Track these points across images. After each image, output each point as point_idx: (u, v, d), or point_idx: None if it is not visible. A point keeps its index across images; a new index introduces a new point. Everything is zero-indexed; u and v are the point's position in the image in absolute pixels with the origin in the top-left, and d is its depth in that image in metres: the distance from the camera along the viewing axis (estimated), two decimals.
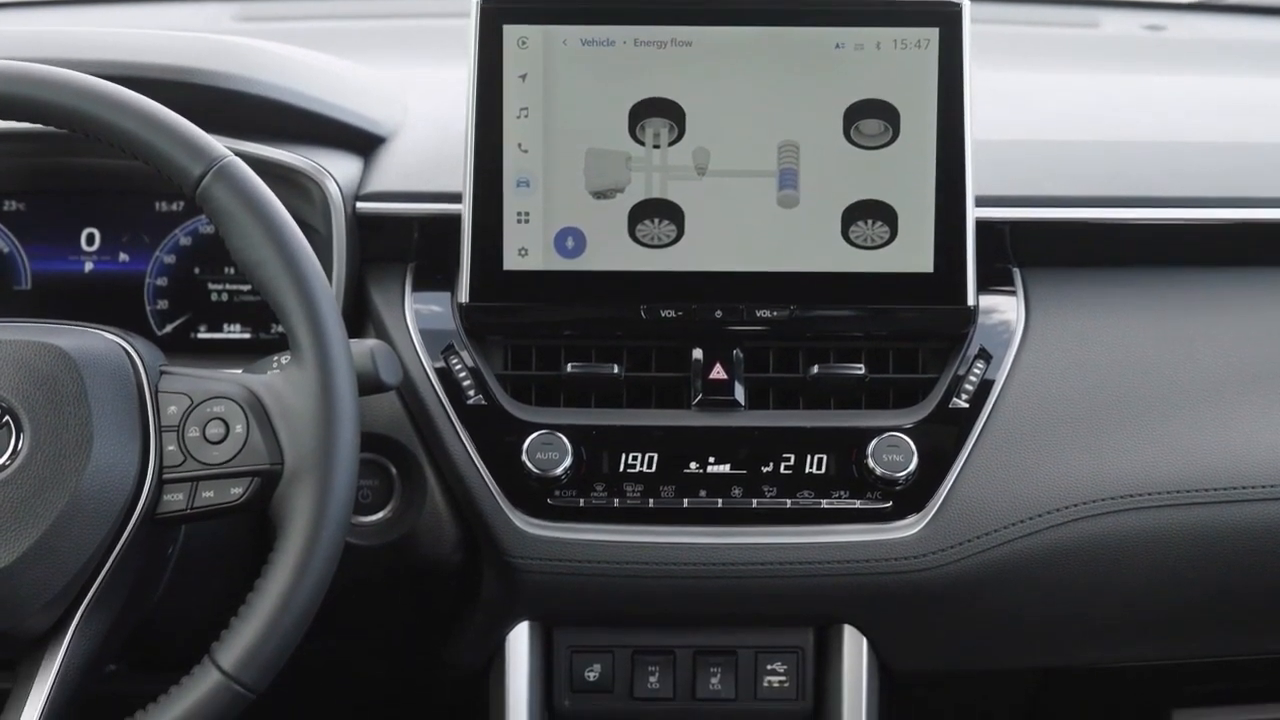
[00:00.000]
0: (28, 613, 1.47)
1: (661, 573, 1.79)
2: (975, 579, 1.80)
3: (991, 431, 1.81)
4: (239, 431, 1.50)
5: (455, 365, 1.82)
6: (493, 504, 1.79)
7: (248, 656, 1.45)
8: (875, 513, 1.79)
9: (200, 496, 1.51)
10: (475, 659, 1.90)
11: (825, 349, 1.84)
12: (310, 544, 1.46)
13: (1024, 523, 1.79)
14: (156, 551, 1.60)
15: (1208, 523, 1.82)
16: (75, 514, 1.47)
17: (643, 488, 1.80)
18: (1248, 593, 1.86)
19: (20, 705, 1.49)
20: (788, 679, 1.89)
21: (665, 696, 1.89)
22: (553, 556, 1.79)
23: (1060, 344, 1.86)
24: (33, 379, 1.50)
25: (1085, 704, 2.08)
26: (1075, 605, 1.85)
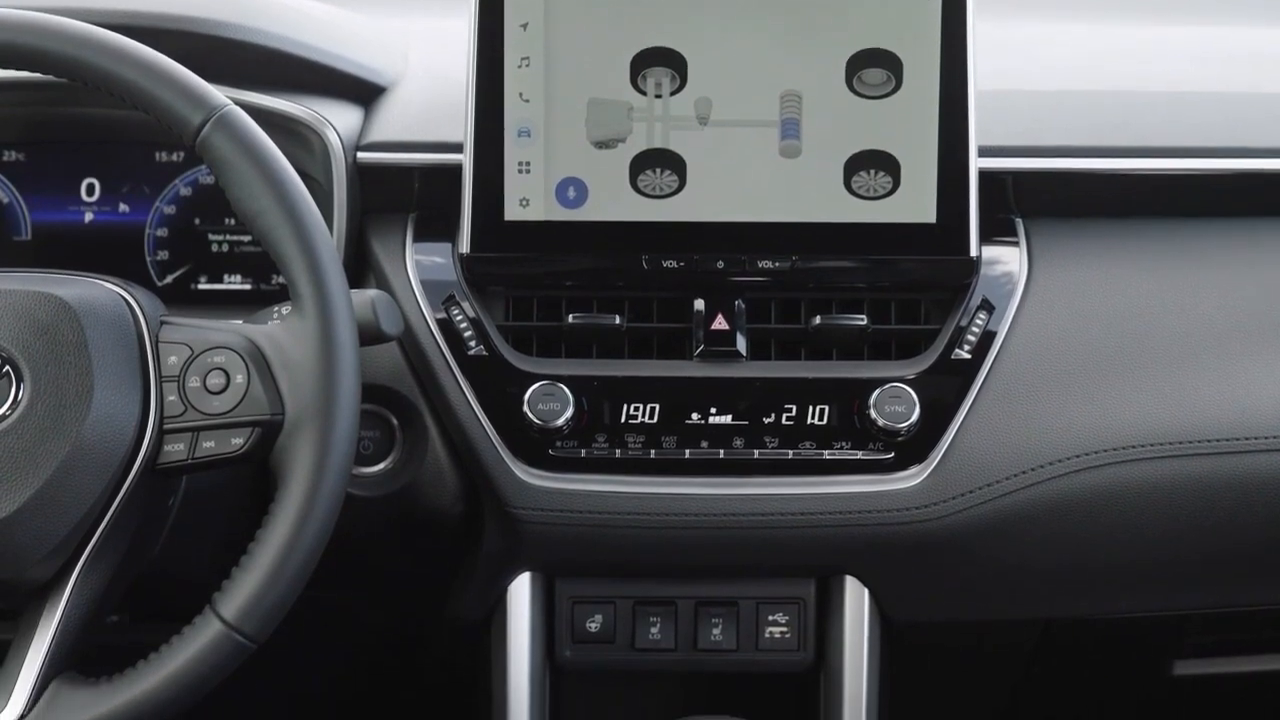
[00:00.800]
0: (29, 563, 1.47)
1: (663, 523, 1.79)
2: (977, 530, 1.80)
3: (994, 382, 1.81)
4: (240, 382, 1.50)
5: (456, 316, 1.81)
6: (494, 455, 1.79)
7: (249, 607, 1.45)
8: (877, 463, 1.79)
9: (201, 447, 1.51)
10: (476, 610, 1.90)
11: (827, 300, 1.84)
12: (311, 494, 1.46)
13: (1026, 474, 1.79)
14: (157, 502, 1.59)
15: (1210, 474, 1.82)
16: (76, 464, 1.47)
17: (644, 438, 1.79)
18: (1249, 544, 1.86)
19: (22, 655, 1.49)
20: (789, 630, 1.90)
21: (667, 647, 1.89)
22: (554, 507, 1.79)
23: (1063, 295, 1.86)
24: (33, 329, 1.50)
25: (1086, 655, 2.08)
26: (1077, 556, 1.85)
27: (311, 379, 1.49)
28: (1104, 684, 2.25)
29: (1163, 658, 2.12)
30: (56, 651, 1.49)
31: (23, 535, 1.46)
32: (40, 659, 1.48)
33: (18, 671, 1.48)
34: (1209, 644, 2.10)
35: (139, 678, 1.46)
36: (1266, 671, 2.16)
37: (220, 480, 1.68)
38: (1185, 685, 2.16)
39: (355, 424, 1.50)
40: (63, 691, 1.48)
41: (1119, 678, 2.21)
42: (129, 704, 1.45)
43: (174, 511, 1.64)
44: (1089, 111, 2.00)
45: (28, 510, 1.46)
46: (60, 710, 1.47)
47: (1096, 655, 2.09)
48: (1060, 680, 2.17)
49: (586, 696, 2.04)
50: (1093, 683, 2.24)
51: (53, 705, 1.47)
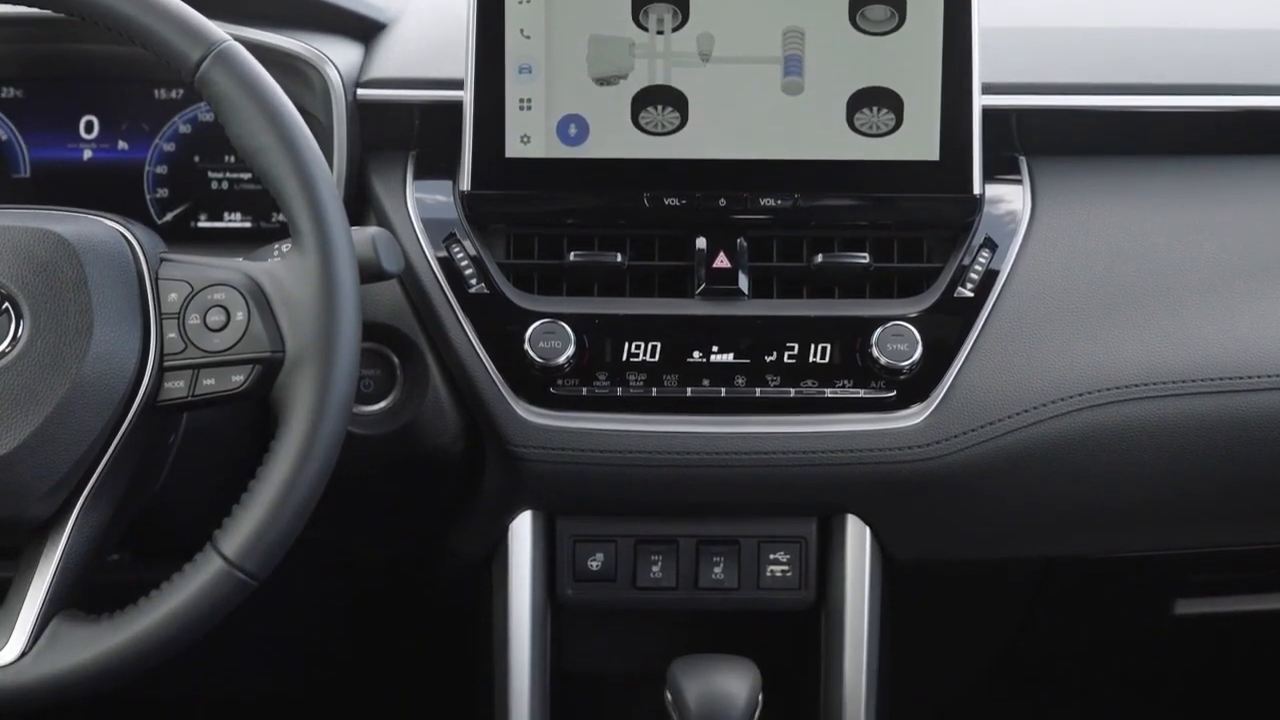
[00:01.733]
0: (30, 500, 1.47)
1: (664, 462, 1.79)
2: (979, 468, 1.80)
3: (996, 321, 1.81)
4: (240, 319, 1.50)
5: (457, 254, 1.81)
6: (495, 393, 1.78)
7: (250, 544, 1.45)
8: (879, 402, 1.79)
9: (201, 384, 1.50)
10: (478, 548, 1.90)
11: (829, 238, 1.83)
12: (312, 431, 1.46)
13: (1028, 412, 1.79)
14: (158, 439, 1.59)
15: (1212, 412, 1.81)
16: (76, 401, 1.46)
17: (646, 377, 1.79)
18: (1251, 482, 1.86)
19: (23, 593, 1.49)
20: (790, 568, 1.90)
21: (668, 586, 1.89)
22: (555, 445, 1.79)
23: (1066, 233, 1.85)
24: (32, 265, 1.49)
25: (1088, 593, 2.08)
26: (1079, 495, 1.85)
27: (312, 316, 1.48)
28: (1105, 623, 2.25)
29: (1164, 597, 2.12)
30: (57, 589, 1.49)
31: (23, 472, 1.46)
32: (41, 597, 1.48)
33: (18, 609, 1.48)
34: (1210, 583, 2.10)
35: (140, 615, 1.47)
36: (1267, 611, 2.16)
37: (221, 418, 1.68)
38: (1186, 624, 2.16)
39: (356, 361, 1.49)
40: (64, 629, 1.48)
41: (1120, 617, 2.21)
42: (130, 641, 1.46)
43: (175, 449, 1.64)
44: (1094, 48, 1.99)
45: (28, 447, 1.46)
46: (61, 647, 1.47)
47: (1098, 594, 2.10)
48: (1061, 619, 2.18)
49: (587, 635, 2.05)
50: (1094, 622, 2.24)
51: (54, 642, 1.47)
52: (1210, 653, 2.55)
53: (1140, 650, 2.47)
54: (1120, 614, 2.20)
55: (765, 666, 1.72)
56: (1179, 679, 2.72)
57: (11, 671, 1.47)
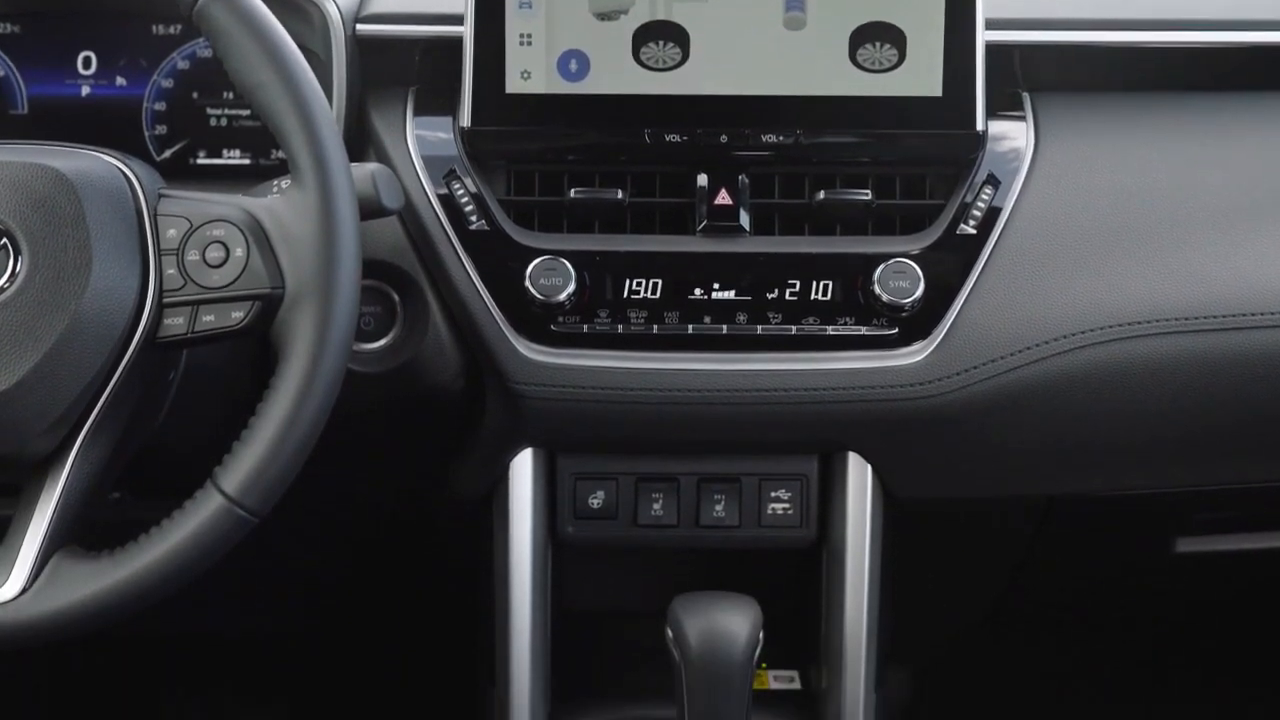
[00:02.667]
0: (29, 436, 1.47)
1: (665, 399, 1.79)
2: (981, 406, 1.80)
3: (999, 258, 1.80)
4: (239, 255, 1.49)
5: (457, 190, 1.80)
6: (496, 330, 1.78)
7: (250, 480, 1.45)
8: (881, 339, 1.79)
9: (201, 320, 1.50)
10: (478, 486, 1.90)
11: (831, 174, 1.82)
12: (312, 367, 1.46)
13: (1030, 349, 1.78)
14: (158, 376, 1.59)
15: (1216, 350, 1.81)
16: (75, 337, 1.46)
17: (647, 314, 1.79)
18: (1254, 420, 1.86)
19: (23, 529, 1.49)
20: (791, 506, 1.90)
21: (669, 523, 1.89)
22: (556, 383, 1.78)
23: (1070, 170, 1.84)
24: (30, 201, 1.48)
25: (1089, 532, 2.08)
26: (1081, 432, 1.84)
27: (312, 252, 1.48)
28: (1106, 561, 2.25)
29: (1165, 535, 2.12)
30: (58, 526, 1.49)
31: (23, 408, 1.45)
32: (42, 533, 1.48)
33: (19, 546, 1.49)
34: (1212, 521, 2.10)
35: (140, 552, 1.47)
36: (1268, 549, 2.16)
37: (221, 355, 1.68)
38: (1187, 563, 2.16)
39: (356, 298, 1.49)
40: (64, 565, 1.48)
41: (1121, 555, 2.22)
42: (130, 577, 1.46)
43: (175, 386, 1.64)
44: None
45: (27, 383, 1.45)
46: (62, 584, 1.47)
47: (1099, 532, 2.10)
48: (1062, 557, 2.18)
49: (588, 572, 2.05)
50: (1094, 560, 2.24)
51: (54, 579, 1.47)
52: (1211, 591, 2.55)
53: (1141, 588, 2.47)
54: (1121, 552, 2.20)
55: (766, 604, 1.72)
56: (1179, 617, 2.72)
57: (12, 608, 1.47)
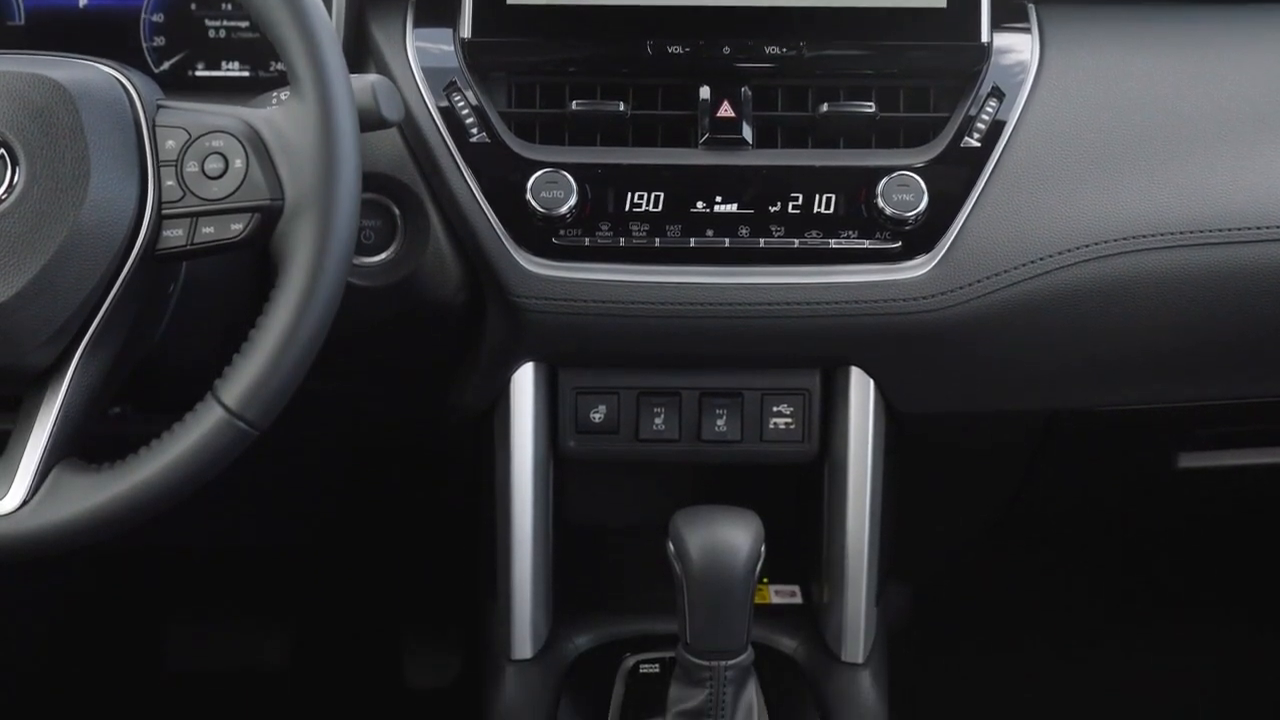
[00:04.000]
0: (29, 348, 1.46)
1: (667, 312, 1.78)
2: (984, 320, 1.79)
3: (1003, 171, 1.79)
4: (238, 166, 1.48)
5: (458, 103, 1.79)
6: (497, 243, 1.77)
7: (251, 393, 1.45)
8: (884, 253, 1.78)
9: (200, 232, 1.49)
10: (479, 400, 1.90)
11: (835, 87, 1.81)
12: (312, 279, 1.45)
13: (1034, 263, 1.78)
14: (157, 288, 1.58)
15: (1221, 263, 1.80)
16: (74, 248, 1.45)
17: (648, 227, 1.78)
18: (1258, 334, 1.85)
19: (23, 442, 1.49)
20: (793, 421, 1.89)
21: (670, 438, 1.89)
22: (557, 296, 1.78)
23: (1075, 82, 1.83)
24: (27, 111, 1.47)
25: (1091, 447, 2.08)
26: (1084, 347, 1.84)
27: (311, 164, 1.47)
28: (1107, 476, 2.25)
29: (1167, 450, 2.12)
30: (58, 438, 1.48)
31: (22, 320, 1.45)
32: (42, 446, 1.48)
33: (19, 458, 1.48)
34: (1214, 436, 2.10)
35: (140, 464, 1.46)
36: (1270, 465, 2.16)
37: (221, 267, 1.67)
38: (1189, 478, 2.16)
39: (356, 209, 1.48)
40: (64, 478, 1.48)
41: (1122, 470, 2.22)
42: (130, 490, 1.45)
43: (174, 298, 1.63)
44: None
45: (26, 295, 1.45)
46: (62, 496, 1.47)
47: (1101, 447, 2.10)
48: (1064, 472, 2.18)
49: (590, 487, 2.05)
50: (1096, 475, 2.24)
51: (54, 491, 1.47)
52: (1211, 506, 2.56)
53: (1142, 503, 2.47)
54: (1123, 467, 2.20)
55: (768, 519, 1.71)
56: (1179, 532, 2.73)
57: (12, 520, 1.47)
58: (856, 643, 1.97)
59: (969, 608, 2.84)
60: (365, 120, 1.52)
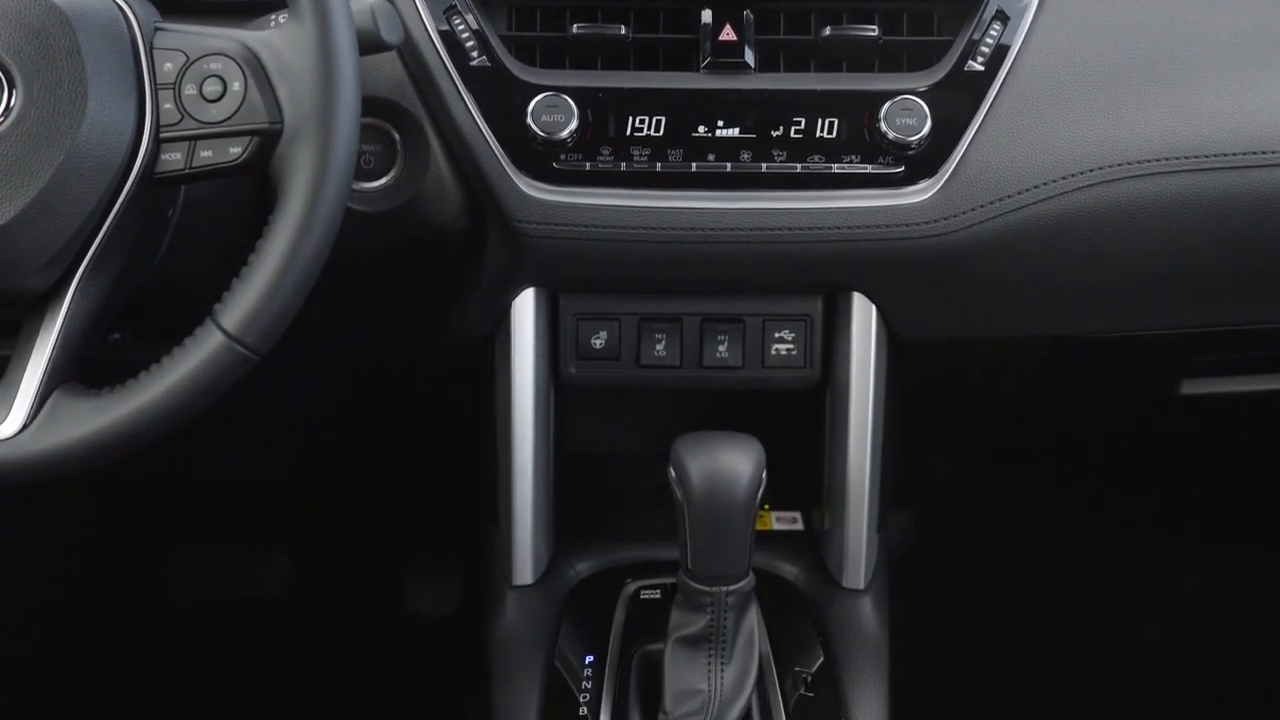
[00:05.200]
0: (27, 271, 1.46)
1: (668, 238, 1.77)
2: (987, 245, 1.78)
3: (1007, 95, 1.77)
4: (237, 89, 1.47)
5: (458, 26, 1.77)
6: (497, 168, 1.76)
7: (250, 317, 1.44)
8: (887, 178, 1.77)
9: (199, 156, 1.48)
10: (480, 326, 1.90)
11: (838, 10, 1.79)
12: (311, 203, 1.44)
13: (1038, 188, 1.76)
14: (156, 212, 1.58)
15: (1225, 188, 1.79)
16: (72, 172, 1.45)
17: (650, 151, 1.77)
18: (1263, 259, 1.85)
19: (22, 366, 1.48)
20: (795, 347, 1.89)
21: (672, 364, 1.89)
22: (558, 221, 1.77)
23: (1079, 6, 1.81)
24: (24, 33, 1.46)
25: (1094, 373, 2.08)
26: (1087, 272, 1.83)
27: (310, 87, 1.46)
28: (1109, 403, 2.25)
29: (1170, 376, 2.11)
30: (57, 362, 1.48)
31: (20, 244, 1.44)
32: (41, 370, 1.48)
33: (18, 382, 1.48)
34: (1217, 363, 2.09)
35: (140, 388, 1.46)
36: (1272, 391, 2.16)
37: (220, 192, 1.66)
38: (1191, 404, 2.16)
39: (355, 132, 1.47)
40: (64, 402, 1.47)
41: (1125, 396, 2.21)
42: (130, 414, 1.45)
43: (173, 223, 1.62)
44: None
45: (24, 218, 1.44)
46: (62, 420, 1.47)
47: (1103, 373, 2.09)
48: (1066, 399, 2.18)
49: (591, 414, 2.05)
50: (1098, 402, 2.24)
51: (54, 415, 1.47)
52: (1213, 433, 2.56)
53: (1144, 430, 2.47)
54: (1125, 394, 2.20)
55: (769, 446, 1.71)
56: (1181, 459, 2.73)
57: (12, 445, 1.46)
58: (858, 569, 1.98)
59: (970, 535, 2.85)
60: (364, 43, 1.51)
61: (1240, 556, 2.85)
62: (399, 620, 2.85)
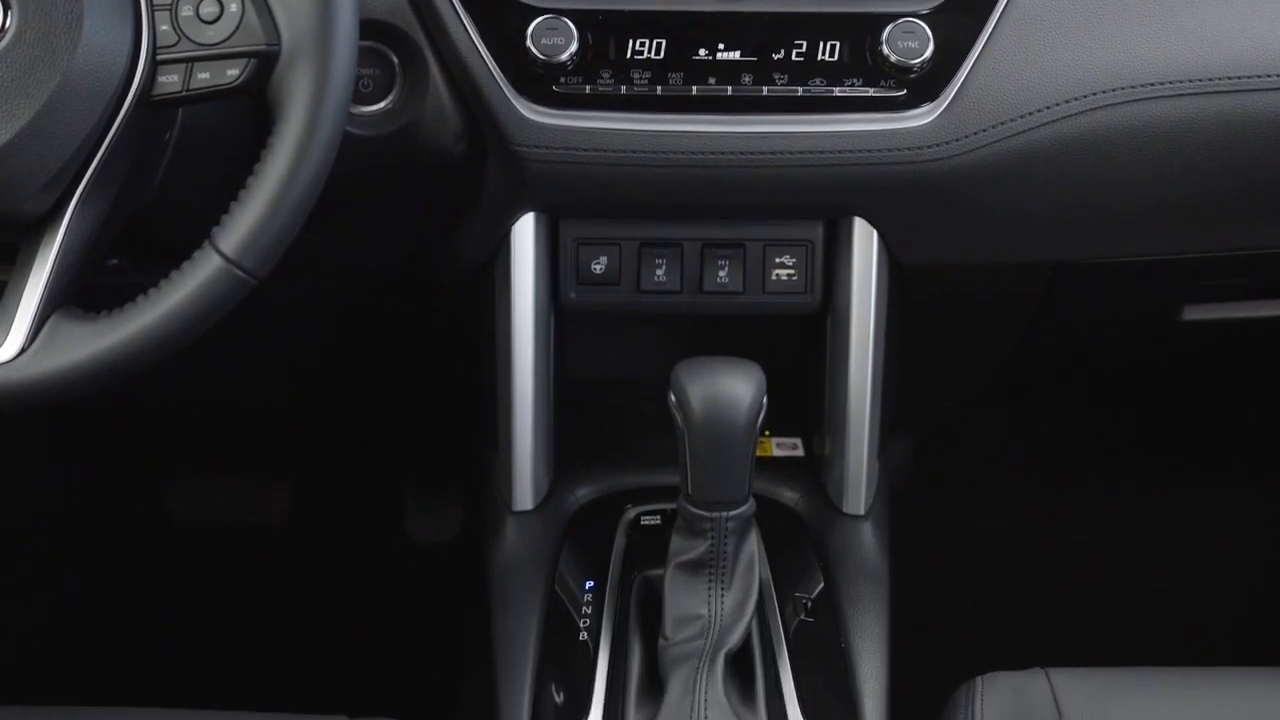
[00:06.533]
0: (23, 195, 1.45)
1: (669, 161, 1.76)
2: (989, 170, 1.77)
3: (1010, 19, 1.76)
4: (234, 10, 1.46)
5: None
6: (497, 91, 1.75)
7: (248, 241, 1.44)
8: (889, 101, 1.75)
9: (196, 78, 1.47)
10: (479, 251, 1.89)
11: None
12: (309, 125, 1.44)
13: (1041, 112, 1.75)
14: (153, 136, 1.57)
15: (1230, 112, 1.78)
16: (68, 94, 1.44)
17: (650, 74, 1.75)
18: (1267, 185, 1.83)
19: (20, 289, 1.48)
20: (796, 272, 1.88)
21: (672, 289, 1.89)
22: (558, 145, 1.76)
23: None
24: None
25: (1096, 299, 2.07)
26: (1090, 197, 1.82)
27: (307, 8, 1.46)
28: (1111, 329, 2.25)
29: (1173, 301, 2.11)
30: (55, 286, 1.47)
31: (16, 167, 1.44)
32: (39, 293, 1.47)
33: (16, 306, 1.47)
34: (1220, 288, 2.09)
35: (138, 312, 1.46)
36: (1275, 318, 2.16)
37: (218, 115, 1.65)
38: (1193, 330, 2.15)
39: (353, 54, 1.47)
40: (62, 325, 1.47)
41: (1127, 322, 2.21)
42: (128, 338, 1.45)
43: (171, 147, 1.62)
44: None
45: (20, 141, 1.43)
46: (59, 344, 1.46)
47: (1105, 299, 2.09)
48: (1067, 325, 2.17)
49: (591, 341, 2.05)
50: (1099, 328, 2.23)
51: (52, 339, 1.46)
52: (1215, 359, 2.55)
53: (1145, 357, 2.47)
54: (1127, 319, 2.19)
55: (770, 372, 1.71)
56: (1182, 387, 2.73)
57: (11, 368, 1.46)
58: (858, 495, 1.98)
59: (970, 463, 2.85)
60: None
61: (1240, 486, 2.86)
62: (399, 547, 2.86)
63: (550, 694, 1.77)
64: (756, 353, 1.73)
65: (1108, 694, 1.69)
